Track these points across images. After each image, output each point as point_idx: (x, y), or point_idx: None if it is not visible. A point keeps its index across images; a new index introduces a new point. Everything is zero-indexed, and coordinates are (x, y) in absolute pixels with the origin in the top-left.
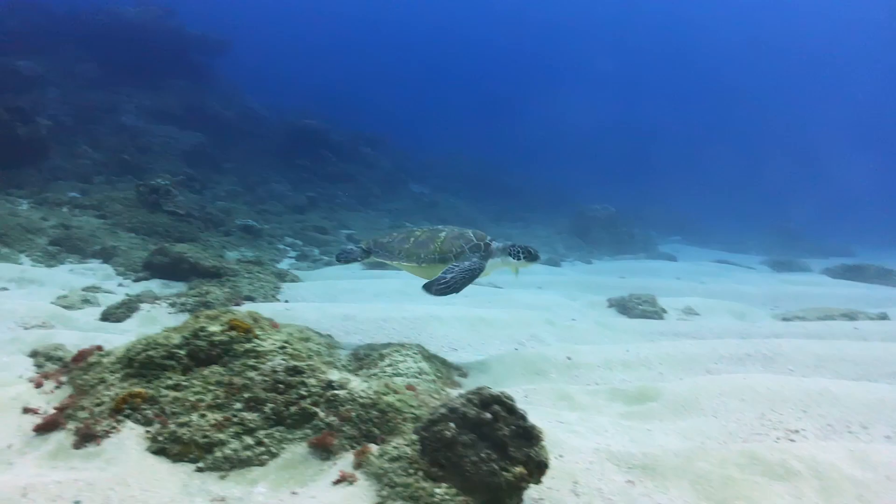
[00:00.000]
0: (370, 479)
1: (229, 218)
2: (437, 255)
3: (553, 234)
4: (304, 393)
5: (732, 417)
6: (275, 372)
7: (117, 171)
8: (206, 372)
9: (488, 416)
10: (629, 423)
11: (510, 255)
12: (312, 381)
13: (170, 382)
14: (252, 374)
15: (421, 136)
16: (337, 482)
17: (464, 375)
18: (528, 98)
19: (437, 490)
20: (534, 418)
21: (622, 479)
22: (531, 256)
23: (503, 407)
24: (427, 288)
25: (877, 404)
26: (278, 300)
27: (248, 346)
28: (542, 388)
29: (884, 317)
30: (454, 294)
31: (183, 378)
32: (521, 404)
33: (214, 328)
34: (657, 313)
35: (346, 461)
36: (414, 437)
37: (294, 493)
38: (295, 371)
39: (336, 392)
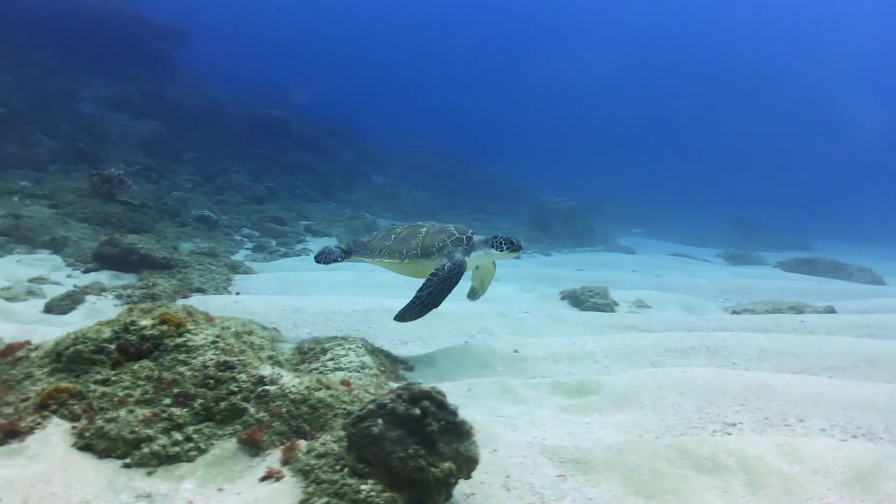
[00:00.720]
0: (297, 476)
1: (185, 208)
2: (420, 250)
3: (514, 226)
4: (235, 388)
5: (671, 411)
6: (205, 367)
7: (73, 160)
8: (135, 367)
9: (417, 411)
10: (568, 417)
11: (492, 246)
12: (243, 376)
13: (98, 377)
14: (182, 369)
15: (385, 127)
16: (263, 478)
17: (410, 369)
18: (493, 91)
19: (364, 486)
20: (474, 412)
21: (554, 472)
22: (513, 247)
23: (433, 402)
24: (401, 318)
25: (814, 398)
26: (229, 292)
27: (178, 340)
28: (486, 382)
29: (831, 310)
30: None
31: (112, 373)
32: (464, 398)
33: (145, 322)
34: (608, 306)
35: (274, 457)
36: (342, 433)
37: (221, 489)
38: (226, 366)
39: (267, 388)
